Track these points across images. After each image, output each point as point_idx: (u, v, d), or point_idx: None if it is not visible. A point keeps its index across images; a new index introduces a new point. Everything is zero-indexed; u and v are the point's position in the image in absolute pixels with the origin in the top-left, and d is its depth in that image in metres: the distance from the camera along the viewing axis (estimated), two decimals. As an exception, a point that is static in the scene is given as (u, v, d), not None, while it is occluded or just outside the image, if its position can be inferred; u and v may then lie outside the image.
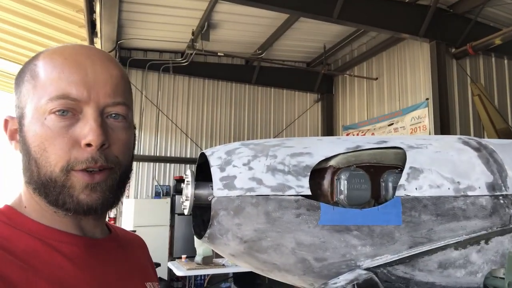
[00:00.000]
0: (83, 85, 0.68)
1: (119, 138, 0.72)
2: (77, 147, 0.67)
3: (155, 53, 9.39)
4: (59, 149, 0.66)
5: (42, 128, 0.67)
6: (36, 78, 0.69)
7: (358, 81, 9.84)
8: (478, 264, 1.40)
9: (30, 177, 0.69)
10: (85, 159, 0.67)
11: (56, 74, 0.68)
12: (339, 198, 1.36)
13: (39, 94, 0.68)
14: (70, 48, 0.72)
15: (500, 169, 1.48)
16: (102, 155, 0.68)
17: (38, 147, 0.67)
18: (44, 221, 0.70)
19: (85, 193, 0.67)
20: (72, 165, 0.66)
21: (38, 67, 0.70)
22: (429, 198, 1.40)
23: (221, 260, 5.85)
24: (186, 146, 9.66)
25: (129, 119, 0.75)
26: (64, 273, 0.65)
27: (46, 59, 0.71)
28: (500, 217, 1.43)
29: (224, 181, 1.35)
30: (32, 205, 0.71)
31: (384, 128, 8.87)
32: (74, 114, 0.68)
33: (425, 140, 1.61)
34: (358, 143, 1.49)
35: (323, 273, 1.38)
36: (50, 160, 0.66)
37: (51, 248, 0.67)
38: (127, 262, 0.80)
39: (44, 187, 0.67)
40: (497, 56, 7.72)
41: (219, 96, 10.11)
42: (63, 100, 0.67)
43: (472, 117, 7.39)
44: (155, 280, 0.85)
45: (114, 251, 0.78)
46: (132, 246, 0.87)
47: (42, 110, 0.67)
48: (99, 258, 0.73)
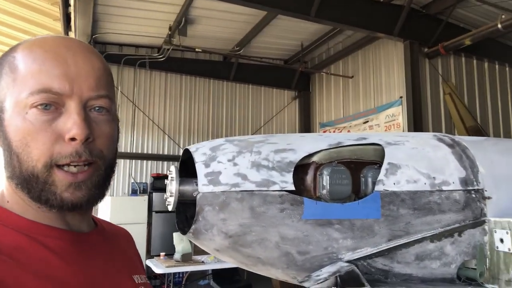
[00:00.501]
0: (65, 78, 0.66)
1: (103, 131, 0.70)
2: (60, 141, 0.65)
3: (131, 48, 9.22)
4: (41, 144, 0.65)
5: (23, 122, 0.65)
6: (15, 71, 0.67)
7: (334, 79, 9.98)
8: (452, 255, 1.47)
9: (12, 173, 0.67)
10: (69, 154, 0.65)
11: (37, 67, 0.66)
12: (321, 193, 1.40)
13: (20, 88, 0.66)
14: (50, 40, 0.71)
15: (472, 165, 1.56)
16: (86, 149, 0.66)
17: (20, 142, 0.65)
18: (28, 216, 0.68)
19: (69, 191, 0.66)
20: (56, 160, 0.65)
21: (17, 59, 0.68)
22: (406, 192, 1.46)
23: (201, 257, 5.85)
24: (164, 142, 9.55)
25: (112, 112, 0.73)
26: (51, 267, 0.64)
27: (25, 51, 0.68)
28: (472, 211, 1.50)
29: (209, 177, 1.37)
30: (15, 200, 0.69)
31: (360, 126, 9.05)
32: (57, 108, 0.66)
33: (402, 137, 1.67)
34: (339, 140, 1.53)
35: (306, 266, 1.41)
36: (32, 155, 0.65)
37: (36, 242, 0.66)
38: (114, 255, 0.79)
39: (26, 182, 0.66)
40: (466, 56, 8.00)
41: (197, 93, 10.04)
42: (45, 94, 0.65)
43: (443, 115, 7.64)
44: (142, 272, 0.85)
45: (101, 245, 0.77)
46: (118, 239, 0.87)
47: (23, 104, 0.65)
48: (85, 252, 0.72)
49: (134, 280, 0.79)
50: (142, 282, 0.81)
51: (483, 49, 7.89)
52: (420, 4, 7.45)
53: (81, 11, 6.21)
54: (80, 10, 6.18)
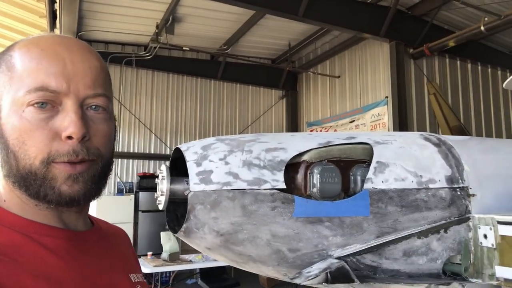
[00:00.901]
0: (62, 76, 0.67)
1: (99, 130, 0.71)
2: (57, 139, 0.66)
3: (117, 45, 9.12)
4: (39, 142, 0.65)
5: (20, 120, 0.65)
6: (12, 69, 0.67)
7: (321, 78, 10.06)
8: (438, 251, 1.51)
9: (9, 171, 0.67)
10: (66, 152, 0.66)
11: (34, 65, 0.66)
12: (312, 191, 1.42)
13: (16, 86, 0.66)
14: (47, 38, 0.71)
15: (458, 163, 1.61)
16: (83, 147, 0.67)
17: (17, 140, 0.65)
18: (25, 215, 0.68)
19: (67, 184, 0.67)
20: (53, 158, 0.65)
21: (14, 58, 0.68)
22: (394, 190, 1.49)
23: (188, 256, 5.83)
24: (150, 141, 9.49)
25: (109, 110, 0.74)
26: (48, 266, 0.64)
27: (22, 49, 0.68)
28: (457, 208, 1.54)
29: (200, 176, 1.37)
30: (12, 199, 0.69)
31: (346, 125, 9.14)
32: (54, 106, 0.66)
33: (390, 136, 1.71)
34: (329, 139, 1.56)
35: (297, 263, 1.43)
36: (29, 153, 0.65)
37: (33, 241, 0.66)
38: (110, 254, 0.79)
39: (24, 180, 0.66)
40: (450, 57, 8.17)
41: (184, 91, 10.00)
42: (41, 92, 0.65)
43: (428, 115, 7.78)
44: (139, 271, 0.85)
45: (97, 244, 0.77)
46: (115, 238, 0.87)
47: (20, 102, 0.65)
48: (82, 251, 0.72)
49: (130, 279, 0.80)
50: (139, 281, 0.82)
51: (467, 50, 8.06)
52: (406, 6, 7.57)
53: (67, 8, 6.12)
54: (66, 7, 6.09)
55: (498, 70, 8.79)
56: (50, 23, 6.54)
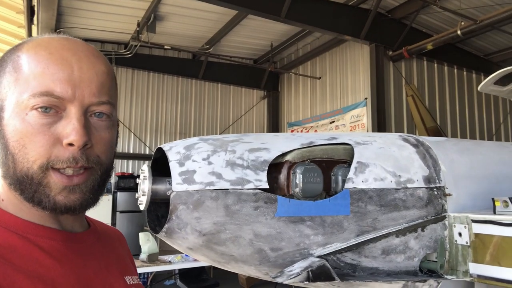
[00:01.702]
0: (68, 83, 0.66)
1: (102, 137, 0.70)
2: (58, 145, 0.65)
3: (97, 43, 8.95)
4: (39, 147, 0.64)
5: (22, 123, 0.65)
6: (19, 70, 0.67)
7: (302, 79, 10.15)
8: (415, 249, 1.56)
9: (6, 172, 0.67)
10: (66, 159, 0.65)
11: (41, 69, 0.66)
12: (294, 191, 1.44)
13: (21, 88, 0.65)
14: (56, 41, 0.70)
15: (435, 164, 1.65)
16: (83, 155, 0.67)
17: (17, 143, 0.65)
18: (22, 215, 0.68)
19: (63, 194, 0.66)
20: (52, 163, 0.65)
21: (22, 59, 0.67)
22: (374, 190, 1.52)
23: (167, 257, 5.78)
24: (129, 141, 9.36)
25: (113, 117, 0.74)
26: (43, 267, 0.64)
27: (30, 51, 0.68)
28: (434, 207, 1.59)
29: (183, 176, 1.37)
30: (10, 199, 0.69)
31: (326, 126, 9.25)
32: (57, 111, 0.66)
33: (370, 137, 1.74)
34: (311, 139, 1.58)
35: (278, 262, 1.45)
36: (28, 157, 0.65)
37: (29, 242, 0.65)
38: (106, 255, 0.79)
39: (19, 183, 0.66)
40: (428, 60, 8.38)
41: (165, 90, 9.90)
42: (46, 97, 0.65)
43: (405, 116, 7.96)
44: (134, 273, 0.85)
45: (93, 245, 0.77)
46: (111, 240, 0.86)
47: (24, 105, 0.65)
48: (78, 252, 0.72)
49: (126, 281, 0.79)
50: (134, 283, 0.81)
51: (444, 53, 8.29)
52: (386, 9, 7.72)
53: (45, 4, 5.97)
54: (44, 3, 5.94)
55: (473, 73, 9.08)
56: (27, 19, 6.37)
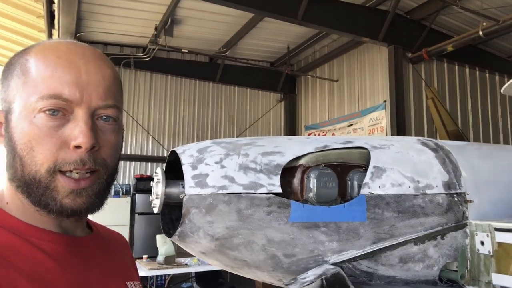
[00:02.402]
0: (75, 86, 0.67)
1: (108, 140, 0.71)
2: (65, 148, 0.66)
3: (116, 47, 9.10)
4: (46, 149, 0.65)
5: (30, 126, 0.65)
6: (27, 74, 0.68)
7: (319, 82, 10.07)
8: (434, 258, 1.50)
9: (13, 175, 0.67)
10: (73, 161, 0.66)
11: (49, 72, 0.67)
12: (308, 195, 1.41)
13: (29, 91, 0.66)
14: (64, 45, 0.71)
15: (455, 169, 1.60)
16: (91, 157, 0.67)
17: (25, 145, 0.65)
18: (25, 219, 0.68)
19: (70, 198, 0.67)
20: (60, 166, 0.65)
21: (30, 62, 0.68)
22: (391, 196, 1.48)
23: (184, 260, 5.80)
24: (148, 144, 9.46)
25: (119, 121, 0.74)
26: (45, 271, 0.64)
27: (38, 55, 0.69)
28: (454, 214, 1.54)
29: (196, 179, 1.36)
30: (14, 202, 0.69)
31: (344, 129, 9.14)
32: (65, 114, 0.67)
33: (388, 141, 1.70)
34: (326, 143, 1.55)
35: (292, 269, 1.42)
36: (36, 160, 0.65)
37: (32, 245, 0.66)
38: (109, 260, 0.79)
39: (27, 186, 0.66)
40: (448, 62, 8.19)
41: (182, 94, 9.98)
42: (54, 100, 0.66)
43: (426, 119, 7.79)
44: (137, 279, 0.84)
45: (96, 250, 0.77)
46: (113, 244, 0.86)
47: (32, 108, 0.66)
48: (80, 257, 0.72)
49: (128, 286, 0.79)
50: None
51: (465, 55, 8.08)
52: (404, 10, 7.58)
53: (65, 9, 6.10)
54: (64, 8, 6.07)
55: (496, 75, 8.82)
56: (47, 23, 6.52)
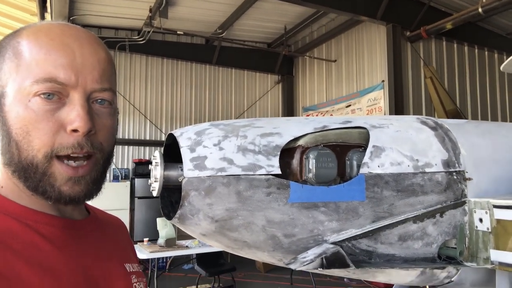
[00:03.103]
0: (70, 69, 0.66)
1: (104, 124, 0.70)
2: (62, 132, 0.65)
3: (110, 30, 8.97)
4: (43, 134, 0.64)
5: (25, 110, 0.64)
6: (20, 57, 0.66)
7: (317, 63, 9.98)
8: (433, 235, 1.51)
9: (10, 160, 0.66)
10: (70, 145, 0.65)
11: (42, 55, 0.65)
12: (307, 176, 1.40)
13: (23, 75, 0.65)
14: (57, 27, 0.69)
15: (454, 147, 1.59)
16: (88, 141, 0.67)
17: (21, 130, 0.64)
18: (22, 202, 0.68)
19: (68, 185, 0.66)
20: (57, 151, 0.65)
21: (22, 45, 0.67)
22: (390, 175, 1.48)
23: (185, 242, 5.86)
24: (145, 128, 9.43)
25: (114, 105, 0.74)
26: (43, 253, 0.64)
27: (30, 37, 0.67)
28: (453, 192, 1.54)
29: (194, 162, 1.35)
30: (9, 186, 0.69)
31: (342, 110, 9.11)
32: (60, 98, 0.66)
33: (387, 120, 1.68)
34: (325, 123, 1.54)
35: (292, 249, 1.43)
36: (33, 145, 0.64)
37: (29, 228, 0.65)
38: (106, 243, 0.79)
39: (24, 171, 0.65)
40: (447, 40, 8.10)
41: (179, 77, 9.89)
42: (49, 84, 0.64)
43: (424, 99, 7.76)
44: (135, 261, 0.85)
45: (93, 232, 0.77)
46: (111, 227, 0.87)
47: (26, 92, 0.64)
48: (78, 239, 0.72)
49: (126, 268, 0.79)
50: (134, 270, 0.81)
51: (464, 33, 7.99)
52: (402, -12, 7.46)
53: (57, -9, 5.98)
54: (56, -10, 5.94)
55: (495, 52, 8.75)
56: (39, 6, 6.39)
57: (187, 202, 1.34)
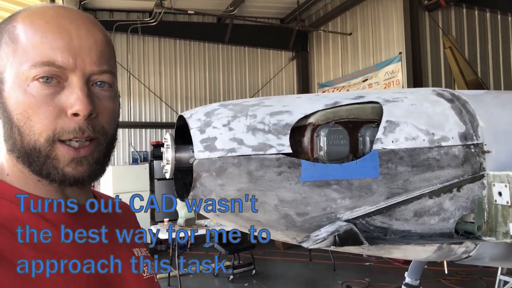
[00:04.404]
0: (68, 51, 0.65)
1: (105, 107, 0.69)
2: (63, 116, 0.65)
3: (122, 13, 8.94)
4: (44, 118, 0.64)
5: (25, 95, 0.64)
6: (16, 41, 0.65)
7: (332, 37, 9.75)
8: (450, 210, 1.48)
9: (13, 146, 0.66)
10: (72, 129, 0.65)
11: (38, 38, 0.64)
12: (319, 154, 1.38)
13: (20, 59, 0.64)
14: (51, 10, 0.68)
15: (472, 119, 1.53)
16: (89, 125, 0.66)
17: (21, 115, 0.64)
18: (27, 189, 0.68)
19: (71, 166, 0.66)
20: (59, 135, 0.64)
21: (18, 29, 0.66)
22: (405, 150, 1.44)
23: (204, 221, 5.97)
24: (161, 110, 9.49)
25: (114, 87, 0.72)
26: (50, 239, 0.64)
27: (26, 21, 0.66)
28: (471, 165, 1.49)
29: (204, 143, 1.34)
30: (15, 173, 0.69)
31: (359, 85, 8.94)
32: (59, 81, 0.65)
33: (401, 94, 1.63)
34: (336, 99, 1.50)
35: (305, 227, 1.42)
36: (34, 129, 0.64)
37: (35, 215, 0.66)
38: (113, 228, 0.79)
39: (27, 156, 0.66)
40: (468, 7, 7.77)
41: (192, 57, 9.85)
42: (47, 67, 0.64)
43: (443, 70, 7.52)
44: (143, 245, 0.85)
45: (100, 217, 0.77)
46: (118, 212, 0.87)
47: (25, 76, 0.64)
48: (84, 225, 0.72)
49: (134, 253, 0.80)
50: (143, 255, 0.82)
51: (485, -1, 7.64)
52: (419, -46, 7.14)
53: (67, -25, 5.95)
54: (66, -25, 5.92)
55: (519, 18, 8.35)
56: (51, -9, 6.39)
57: (198, 184, 1.35)
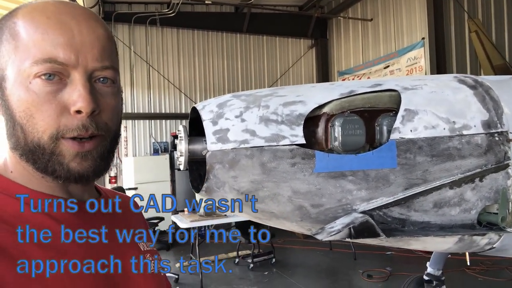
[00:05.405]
0: (69, 48, 0.64)
1: (108, 104, 0.69)
2: (66, 114, 0.64)
3: (141, 5, 9.00)
4: (47, 116, 0.63)
5: (27, 92, 0.63)
6: (17, 38, 0.65)
7: (352, 23, 9.53)
8: (472, 201, 1.42)
9: (16, 143, 0.66)
10: (75, 127, 0.64)
11: (40, 35, 0.63)
12: (333, 145, 1.35)
13: (22, 56, 0.64)
14: (52, 5, 0.67)
15: (496, 106, 1.47)
16: (92, 122, 0.65)
17: (24, 113, 0.64)
18: (31, 186, 0.68)
19: (76, 161, 0.66)
20: (62, 133, 0.64)
21: (18, 25, 0.65)
22: (424, 139, 1.39)
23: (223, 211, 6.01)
24: (181, 101, 9.56)
25: (117, 83, 0.72)
26: (55, 236, 0.64)
27: (26, 17, 0.65)
28: (495, 154, 1.43)
29: (217, 135, 1.33)
30: (18, 170, 0.69)
31: (380, 71, 8.74)
32: (61, 78, 0.64)
33: (420, 81, 1.57)
34: (352, 88, 1.46)
35: (320, 219, 1.40)
36: (37, 127, 0.64)
37: (40, 212, 0.66)
38: (118, 223, 0.79)
39: (32, 153, 0.65)
40: (495, -11, 7.44)
41: (210, 47, 9.84)
42: (49, 64, 0.63)
43: (468, 55, 7.25)
44: (149, 240, 0.85)
45: (104, 213, 0.77)
46: (123, 207, 0.86)
47: (26, 73, 0.63)
48: (89, 221, 0.72)
49: (140, 247, 0.80)
50: (148, 249, 0.81)
51: (514, -22, 7.28)
52: None
53: (85, -31, 6.01)
54: (84, -31, 5.98)
55: (551, -2, 7.93)
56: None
57: (212, 175, 1.34)
